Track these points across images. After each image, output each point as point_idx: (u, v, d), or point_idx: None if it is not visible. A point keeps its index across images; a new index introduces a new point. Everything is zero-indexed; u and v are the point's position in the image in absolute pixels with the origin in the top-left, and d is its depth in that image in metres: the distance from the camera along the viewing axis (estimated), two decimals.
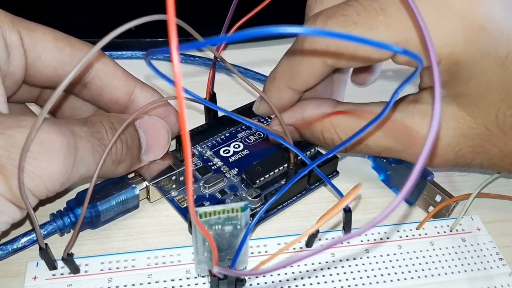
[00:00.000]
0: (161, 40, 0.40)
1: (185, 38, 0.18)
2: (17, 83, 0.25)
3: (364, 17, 0.23)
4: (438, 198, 0.28)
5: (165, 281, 0.24)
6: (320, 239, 0.26)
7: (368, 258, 0.25)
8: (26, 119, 0.21)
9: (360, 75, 0.33)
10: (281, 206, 0.28)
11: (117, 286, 0.23)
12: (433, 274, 0.25)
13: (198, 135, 0.31)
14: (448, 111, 0.25)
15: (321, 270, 0.25)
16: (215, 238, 0.21)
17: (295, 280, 0.24)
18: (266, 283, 0.24)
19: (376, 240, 0.26)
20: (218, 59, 0.28)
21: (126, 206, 0.26)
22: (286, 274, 0.24)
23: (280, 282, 0.24)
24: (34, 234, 0.25)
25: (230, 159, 0.30)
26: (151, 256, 0.25)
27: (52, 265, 0.23)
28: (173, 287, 0.24)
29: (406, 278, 0.25)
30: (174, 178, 0.27)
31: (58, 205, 0.26)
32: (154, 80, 0.33)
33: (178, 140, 0.30)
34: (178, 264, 0.25)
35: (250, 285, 0.24)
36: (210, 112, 0.32)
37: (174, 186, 0.28)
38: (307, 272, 0.25)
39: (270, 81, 0.27)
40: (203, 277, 0.24)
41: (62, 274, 0.24)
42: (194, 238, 0.22)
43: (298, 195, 0.29)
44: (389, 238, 0.26)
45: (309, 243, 0.26)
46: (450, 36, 0.22)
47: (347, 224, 0.26)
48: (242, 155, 0.31)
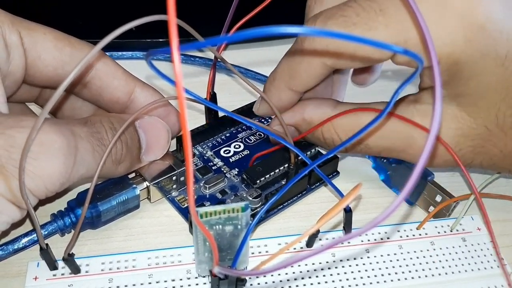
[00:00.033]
0: (161, 40, 0.40)
1: (185, 38, 0.18)
2: (17, 83, 0.25)
3: (363, 17, 0.23)
4: (439, 198, 0.28)
5: (165, 281, 0.24)
6: (320, 239, 0.26)
7: (368, 258, 0.25)
8: (26, 119, 0.21)
9: (360, 76, 0.33)
10: (281, 206, 0.28)
11: (117, 286, 0.23)
12: (433, 274, 0.25)
13: (198, 135, 0.31)
14: (448, 111, 0.25)
15: (321, 270, 0.25)
16: (216, 238, 0.21)
17: (296, 280, 0.24)
18: (266, 283, 0.24)
19: (376, 240, 0.26)
20: (218, 60, 0.28)
21: (127, 206, 0.27)
22: (287, 274, 0.24)
23: (280, 282, 0.24)
24: (35, 234, 0.25)
25: (230, 159, 0.30)
26: (152, 256, 0.25)
27: (53, 265, 0.24)
28: (173, 287, 0.24)
29: (406, 278, 0.25)
30: (174, 178, 0.27)
31: (59, 205, 0.26)
32: (154, 80, 0.33)
33: (179, 140, 0.30)
34: (178, 264, 0.25)
35: (251, 285, 0.24)
36: (210, 112, 0.32)
37: (174, 186, 0.28)
38: (308, 272, 0.25)
39: (270, 81, 0.27)
40: (204, 277, 0.24)
41: (63, 274, 0.24)
42: (194, 238, 0.22)
43: (299, 195, 0.29)
44: (389, 238, 0.26)
45: (309, 243, 0.26)
46: (450, 36, 0.22)
47: (348, 224, 0.26)
48: (243, 155, 0.31)
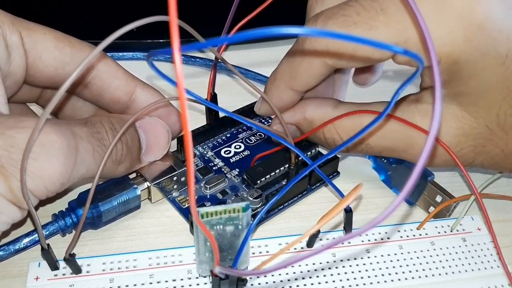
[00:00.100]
0: (162, 41, 0.40)
1: (186, 39, 0.19)
2: (17, 84, 0.25)
3: (364, 17, 0.23)
4: (439, 198, 0.28)
5: (166, 281, 0.24)
6: (321, 239, 0.26)
7: (369, 258, 0.25)
8: (26, 120, 0.21)
9: (361, 76, 0.33)
10: (282, 206, 0.28)
11: (118, 286, 0.23)
12: (433, 274, 0.25)
13: (199, 136, 0.31)
14: (449, 111, 0.25)
15: (322, 270, 0.25)
16: (217, 238, 0.22)
17: (296, 280, 0.24)
18: (267, 283, 0.24)
19: (376, 240, 0.26)
20: (219, 60, 0.28)
21: (128, 206, 0.27)
22: (287, 274, 0.24)
23: (281, 282, 0.24)
24: (36, 235, 0.25)
25: (231, 160, 0.30)
26: (153, 256, 0.25)
27: (54, 265, 0.24)
28: (174, 287, 0.24)
29: (406, 278, 0.25)
30: (175, 178, 0.27)
31: (60, 205, 0.26)
32: (155, 80, 0.33)
33: (179, 140, 0.30)
34: (179, 264, 0.25)
35: (252, 285, 0.24)
36: (211, 112, 0.32)
37: (175, 186, 0.28)
38: (308, 272, 0.25)
39: (271, 81, 0.27)
40: (205, 277, 0.24)
41: (64, 275, 0.24)
42: (195, 238, 0.22)
43: (299, 196, 0.29)
44: (389, 238, 0.26)
45: (310, 243, 0.26)
46: (449, 35, 0.22)
47: (348, 224, 0.26)
48: (243, 156, 0.31)
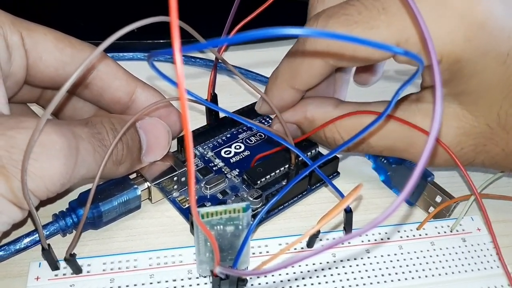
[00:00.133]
0: (162, 41, 0.40)
1: (186, 39, 0.19)
2: (18, 84, 0.25)
3: (365, 16, 0.23)
4: (439, 198, 0.28)
5: (167, 281, 0.24)
6: (321, 240, 0.26)
7: (369, 258, 0.26)
8: (27, 120, 0.21)
9: (362, 75, 0.33)
10: (282, 206, 0.28)
11: (119, 286, 0.23)
12: (433, 274, 0.25)
13: (199, 136, 0.31)
14: (449, 110, 0.25)
15: (322, 270, 0.25)
16: (217, 238, 0.22)
17: (296, 280, 0.24)
18: (267, 283, 0.24)
19: (376, 240, 0.26)
20: (219, 61, 0.28)
21: (128, 206, 0.27)
22: (287, 274, 0.24)
23: (281, 282, 0.24)
24: (37, 235, 0.25)
25: (231, 160, 0.30)
26: (153, 256, 0.25)
27: (54, 265, 0.24)
28: (175, 287, 0.24)
29: (406, 278, 0.25)
30: (175, 179, 0.28)
31: (60, 205, 0.26)
32: (156, 81, 0.33)
33: (180, 141, 0.30)
34: (180, 264, 0.25)
35: (252, 285, 0.24)
36: (211, 113, 0.32)
37: (175, 187, 0.28)
38: (308, 272, 0.25)
39: (272, 80, 0.27)
40: (205, 277, 0.24)
41: (64, 275, 0.24)
42: (196, 239, 0.22)
43: (299, 196, 0.29)
44: (389, 239, 0.26)
45: (310, 244, 0.26)
46: (450, 35, 0.22)
47: (348, 224, 0.26)
48: (243, 156, 0.31)
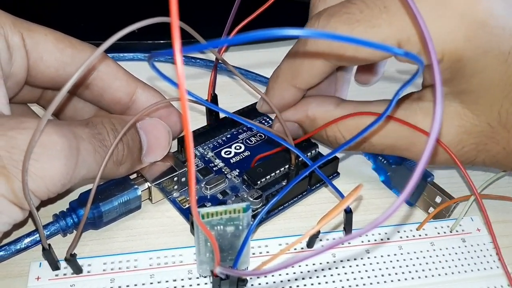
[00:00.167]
0: (162, 42, 0.40)
1: (187, 40, 0.19)
2: (19, 84, 0.25)
3: (367, 15, 0.23)
4: (438, 199, 0.28)
5: (167, 281, 0.24)
6: (321, 240, 0.26)
7: (368, 258, 0.26)
8: (28, 121, 0.21)
9: (363, 75, 0.33)
10: (282, 207, 0.28)
11: (119, 287, 0.23)
12: (433, 274, 0.25)
13: (199, 137, 0.31)
14: (451, 108, 0.25)
15: (322, 271, 0.25)
16: (217, 238, 0.22)
17: (296, 280, 0.24)
18: (267, 283, 0.24)
19: (376, 240, 0.26)
20: (219, 61, 0.28)
21: (128, 207, 0.27)
22: (288, 275, 0.25)
23: (281, 282, 0.24)
24: (37, 235, 0.25)
25: (231, 160, 0.30)
26: (153, 256, 0.25)
27: (55, 265, 0.24)
28: (175, 287, 0.24)
29: (406, 279, 0.25)
30: (176, 179, 0.28)
31: (61, 206, 0.26)
32: (156, 81, 0.33)
33: (180, 141, 0.30)
34: (180, 264, 0.25)
35: (252, 285, 0.24)
36: (211, 113, 0.32)
37: (176, 187, 0.28)
38: (308, 272, 0.25)
39: (274, 79, 0.27)
40: (205, 277, 0.24)
41: (65, 275, 0.24)
42: (196, 239, 0.22)
43: (299, 196, 0.29)
44: (389, 239, 0.27)
45: (310, 244, 0.26)
46: (451, 34, 0.22)
47: (348, 225, 0.26)
48: (244, 156, 0.31)
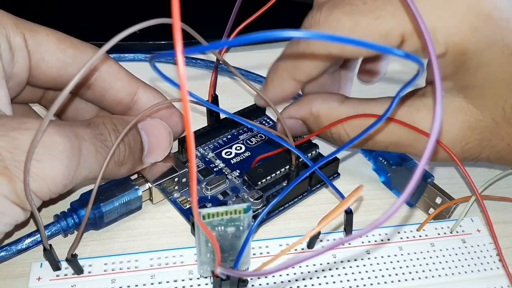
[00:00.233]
0: (163, 42, 0.40)
1: (187, 40, 0.19)
2: (21, 85, 0.26)
3: (370, 6, 0.23)
4: (439, 200, 0.28)
5: (168, 282, 0.24)
6: (321, 240, 0.26)
7: (369, 259, 0.26)
8: (30, 121, 0.21)
9: (366, 73, 0.33)
10: (282, 207, 0.28)
11: (120, 287, 0.23)
12: (433, 275, 0.25)
13: (200, 137, 0.31)
14: (455, 104, 0.25)
15: (322, 271, 0.25)
16: (218, 239, 0.22)
17: (297, 281, 0.24)
18: (268, 284, 0.24)
19: (377, 241, 0.26)
20: (220, 62, 0.28)
21: (129, 207, 0.27)
22: (288, 275, 0.25)
23: (282, 283, 0.24)
24: (38, 235, 0.25)
25: (232, 161, 0.30)
26: (154, 257, 0.25)
27: (56, 266, 0.24)
28: None
29: (406, 279, 0.25)
30: (176, 179, 0.28)
31: (62, 206, 0.26)
32: (157, 82, 0.33)
33: (181, 142, 0.30)
34: (180, 265, 0.25)
35: (252, 285, 0.24)
36: (212, 114, 0.32)
37: (176, 187, 0.28)
38: (309, 273, 0.25)
39: (273, 71, 0.27)
40: (206, 278, 0.24)
41: (66, 275, 0.24)
42: (197, 239, 0.22)
43: (300, 197, 0.29)
44: (390, 240, 0.27)
45: (310, 244, 0.26)
46: (457, 26, 0.22)
47: (348, 225, 0.26)
48: (244, 157, 0.31)
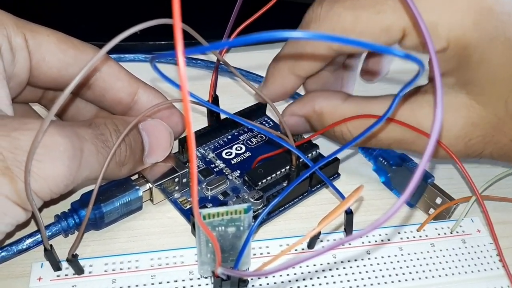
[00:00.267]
0: (164, 43, 0.40)
1: (188, 41, 0.19)
2: (21, 85, 0.26)
3: (371, 0, 0.23)
4: (439, 200, 0.28)
5: (168, 282, 0.24)
6: (321, 241, 0.26)
7: (369, 259, 0.26)
8: (31, 122, 0.21)
9: (368, 72, 0.33)
10: (283, 208, 0.28)
11: (121, 287, 0.23)
12: (433, 275, 0.25)
13: (200, 138, 0.31)
14: (457, 100, 0.25)
15: (322, 271, 0.25)
16: (218, 239, 0.22)
17: (297, 281, 0.24)
18: (268, 284, 0.24)
19: (377, 241, 0.26)
20: (221, 62, 0.28)
21: (130, 207, 0.27)
22: (288, 275, 0.25)
23: (282, 283, 0.24)
24: (39, 235, 0.25)
25: (232, 161, 0.30)
26: (155, 257, 0.25)
27: (56, 266, 0.24)
28: None
29: (407, 280, 0.25)
30: (177, 180, 0.28)
31: (62, 206, 0.26)
32: (157, 82, 0.33)
33: (181, 142, 0.30)
34: (181, 265, 0.25)
35: (253, 286, 0.24)
36: (212, 114, 0.32)
37: (177, 188, 0.28)
38: (309, 273, 0.25)
39: (273, 66, 0.27)
40: (206, 278, 0.24)
41: (66, 275, 0.24)
42: (197, 240, 0.22)
43: (300, 197, 0.29)
44: (390, 240, 0.27)
45: (311, 245, 0.26)
46: (458, 20, 0.22)
47: (349, 226, 0.26)
48: (244, 157, 0.31)
